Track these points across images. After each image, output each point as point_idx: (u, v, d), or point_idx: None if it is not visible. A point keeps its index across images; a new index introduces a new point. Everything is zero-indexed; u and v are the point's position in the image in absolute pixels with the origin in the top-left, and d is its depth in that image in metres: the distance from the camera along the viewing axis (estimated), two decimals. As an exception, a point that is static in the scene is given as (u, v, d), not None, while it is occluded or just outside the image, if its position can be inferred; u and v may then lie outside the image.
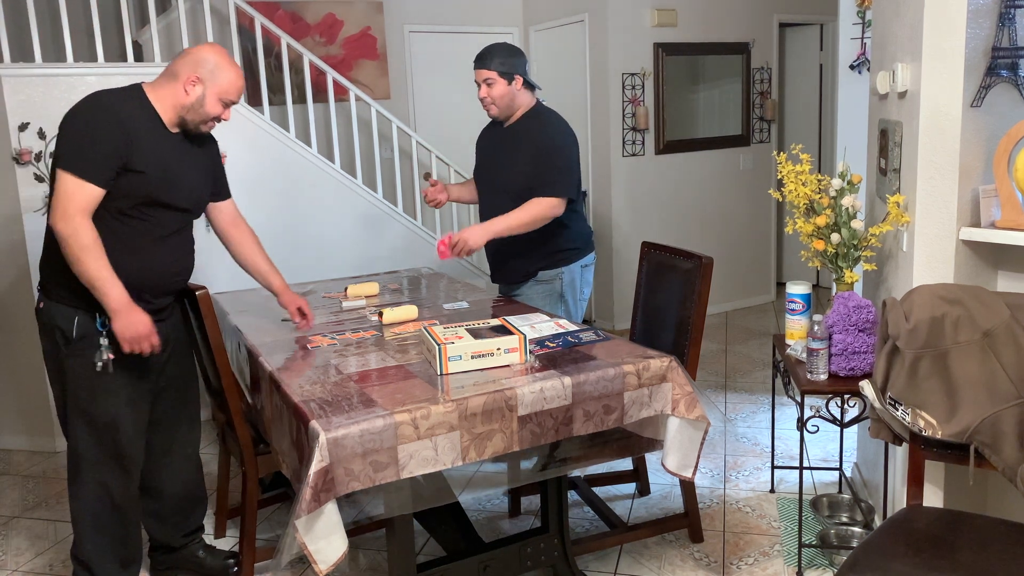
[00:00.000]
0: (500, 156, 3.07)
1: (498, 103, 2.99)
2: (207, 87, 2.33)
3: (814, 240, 2.62)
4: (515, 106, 3.02)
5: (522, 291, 3.11)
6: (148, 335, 2.27)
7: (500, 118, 3.07)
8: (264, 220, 4.35)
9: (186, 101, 2.34)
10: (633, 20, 5.33)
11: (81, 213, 2.20)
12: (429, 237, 4.84)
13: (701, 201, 5.82)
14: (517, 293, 3.13)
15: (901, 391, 2.06)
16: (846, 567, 1.81)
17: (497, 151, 3.09)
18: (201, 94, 2.34)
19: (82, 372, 2.34)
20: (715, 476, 3.35)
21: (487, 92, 2.98)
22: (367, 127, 5.15)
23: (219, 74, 2.34)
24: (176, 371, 2.61)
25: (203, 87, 2.33)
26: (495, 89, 2.96)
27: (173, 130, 2.39)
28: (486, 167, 3.17)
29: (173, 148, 2.38)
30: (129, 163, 2.25)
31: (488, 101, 3.00)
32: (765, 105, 6.01)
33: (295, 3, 5.23)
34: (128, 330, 2.24)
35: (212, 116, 2.38)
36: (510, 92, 2.97)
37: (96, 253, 2.21)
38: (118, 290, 2.23)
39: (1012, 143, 2.11)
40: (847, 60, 3.97)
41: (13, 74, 3.68)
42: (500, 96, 2.97)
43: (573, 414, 2.12)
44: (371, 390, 2.07)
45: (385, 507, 2.07)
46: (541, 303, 3.04)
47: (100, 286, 2.21)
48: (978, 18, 2.15)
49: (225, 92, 2.36)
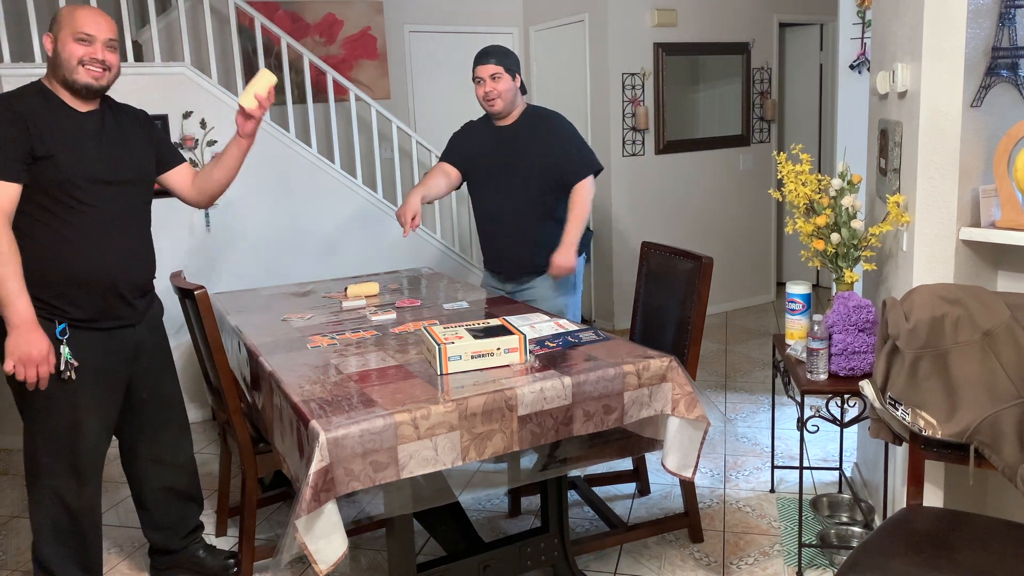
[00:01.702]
0: (512, 152, 3.12)
1: (503, 97, 3.06)
2: (58, 35, 2.29)
3: (814, 240, 2.62)
4: (514, 105, 3.11)
5: (535, 284, 3.17)
6: (40, 360, 2.18)
7: (502, 114, 3.12)
8: (264, 220, 4.36)
9: (52, 61, 2.31)
10: (633, 20, 5.33)
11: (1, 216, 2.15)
12: (429, 237, 4.84)
13: (701, 201, 5.82)
14: (530, 286, 3.18)
15: (901, 391, 2.06)
16: (846, 567, 1.81)
17: (507, 151, 3.13)
18: (55, 44, 2.30)
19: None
20: (715, 476, 3.35)
21: (493, 86, 3.04)
22: (367, 127, 5.15)
23: (63, 18, 2.30)
24: (153, 378, 2.56)
25: (54, 38, 2.30)
26: (501, 83, 3.04)
27: (83, 109, 2.34)
28: (491, 164, 3.17)
29: (85, 126, 2.33)
30: (34, 150, 2.20)
31: (494, 95, 3.05)
32: (765, 105, 6.01)
33: (295, 3, 5.23)
34: (20, 348, 2.15)
35: (77, 57, 2.28)
36: (513, 88, 3.08)
37: (5, 259, 2.13)
38: (23, 303, 2.15)
39: (1012, 143, 2.11)
40: (847, 60, 3.96)
41: (13, 74, 3.68)
42: (506, 90, 3.05)
43: (573, 414, 2.12)
44: (371, 390, 2.07)
45: (385, 507, 2.07)
46: (555, 294, 3.14)
47: (4, 295, 2.13)
48: (978, 18, 2.15)
49: (74, 28, 2.28)
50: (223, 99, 4.15)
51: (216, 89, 4.13)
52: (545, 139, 3.08)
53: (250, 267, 4.34)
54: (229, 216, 4.25)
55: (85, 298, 2.31)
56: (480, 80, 3.07)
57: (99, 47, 2.31)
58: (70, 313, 2.29)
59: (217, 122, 4.15)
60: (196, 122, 4.09)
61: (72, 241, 2.28)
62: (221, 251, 4.27)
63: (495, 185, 3.17)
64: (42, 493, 2.38)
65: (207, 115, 4.12)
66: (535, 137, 3.10)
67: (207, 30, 4.25)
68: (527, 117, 3.14)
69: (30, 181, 2.21)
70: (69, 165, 2.25)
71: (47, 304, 2.26)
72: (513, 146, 3.12)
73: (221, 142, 4.17)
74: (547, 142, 3.08)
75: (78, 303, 2.31)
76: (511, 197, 3.12)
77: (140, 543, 3.01)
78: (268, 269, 4.38)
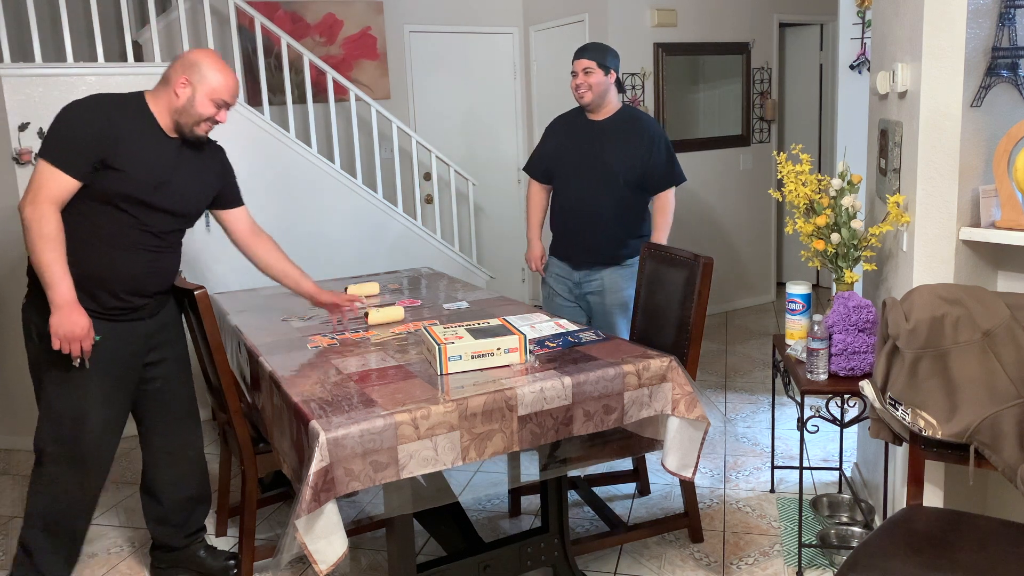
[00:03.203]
0: (602, 146, 3.28)
1: (594, 90, 3.23)
2: (196, 88, 2.35)
3: (814, 240, 2.62)
4: (606, 99, 3.28)
5: (603, 275, 3.34)
6: (82, 337, 2.27)
7: (590, 107, 3.29)
8: (264, 220, 4.35)
9: (177, 104, 2.36)
10: (633, 20, 5.33)
11: (50, 201, 2.22)
12: (429, 237, 4.84)
13: (701, 201, 5.82)
14: (599, 277, 3.34)
15: (901, 391, 2.06)
16: (846, 567, 1.81)
17: (596, 143, 3.29)
18: (191, 95, 2.35)
19: (54, 367, 2.36)
20: (715, 476, 3.35)
21: (584, 79, 3.23)
22: (367, 127, 5.15)
23: (209, 75, 2.35)
24: (166, 371, 2.61)
25: (192, 88, 2.35)
26: (593, 77, 3.22)
27: (172, 135, 2.41)
28: (581, 155, 3.32)
29: (166, 152, 2.40)
30: (109, 159, 2.26)
31: (584, 87, 3.23)
32: (765, 105, 6.01)
33: (295, 3, 5.23)
34: (63, 326, 2.24)
35: (204, 117, 2.39)
36: (606, 83, 3.24)
37: (54, 245, 2.22)
38: (66, 285, 2.25)
39: (1012, 143, 2.11)
40: (847, 60, 3.96)
41: (13, 74, 3.68)
42: (597, 84, 3.22)
43: (573, 414, 2.12)
44: (371, 390, 2.07)
45: (385, 507, 2.07)
46: (625, 284, 3.32)
47: (50, 278, 2.23)
48: (978, 18, 2.15)
49: (215, 92, 2.36)
50: (223, 99, 4.15)
51: (216, 89, 4.12)
52: (635, 140, 3.25)
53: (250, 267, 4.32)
54: (229, 216, 4.24)
55: (107, 297, 2.39)
56: (574, 73, 3.26)
57: (225, 112, 2.43)
58: (87, 305, 2.35)
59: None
60: (196, 122, 4.09)
61: (111, 246, 2.36)
62: (221, 251, 4.26)
63: (579, 176, 3.31)
64: (42, 480, 2.43)
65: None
66: (626, 137, 3.26)
67: (207, 30, 4.24)
68: (621, 115, 3.30)
69: (92, 182, 2.28)
70: (137, 185, 2.33)
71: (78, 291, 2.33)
72: (602, 141, 3.28)
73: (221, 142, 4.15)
74: (636, 144, 3.25)
75: (99, 299, 2.38)
76: (593, 189, 3.28)
77: (140, 543, 3.01)
78: (268, 269, 4.37)
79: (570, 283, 3.40)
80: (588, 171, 3.29)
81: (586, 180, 3.29)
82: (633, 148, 3.24)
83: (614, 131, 3.28)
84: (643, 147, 3.24)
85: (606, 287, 3.32)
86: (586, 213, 3.30)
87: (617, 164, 3.23)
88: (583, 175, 3.30)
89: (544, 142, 3.48)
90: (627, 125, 3.28)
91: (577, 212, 3.33)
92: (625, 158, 3.23)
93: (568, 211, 3.36)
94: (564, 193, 3.38)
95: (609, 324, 3.33)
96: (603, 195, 3.26)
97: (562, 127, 3.43)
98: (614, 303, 3.32)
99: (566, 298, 3.44)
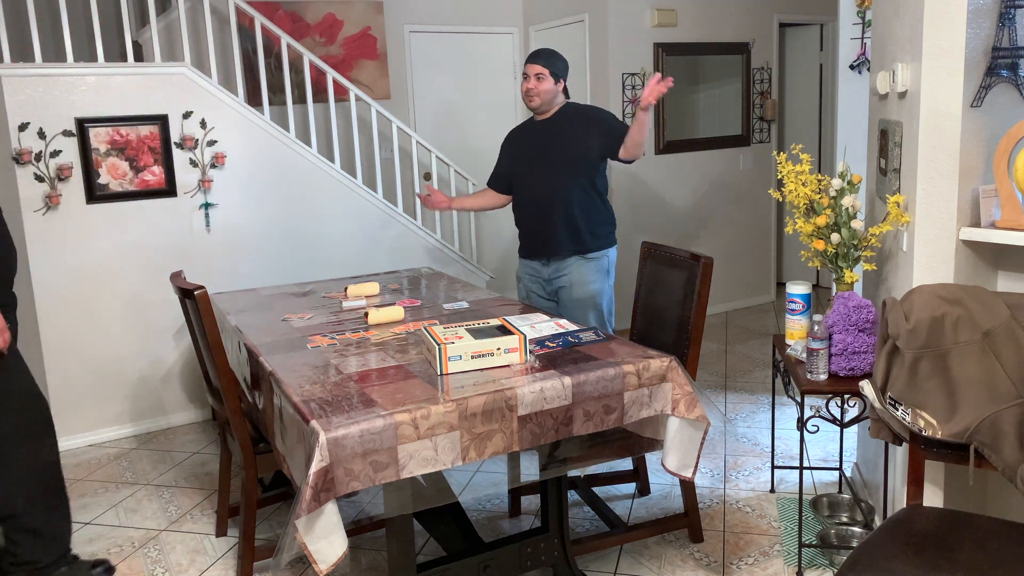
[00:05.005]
0: (548, 142, 3.40)
1: (542, 95, 3.35)
2: None
3: (814, 240, 2.62)
4: (553, 103, 3.40)
5: (570, 268, 3.39)
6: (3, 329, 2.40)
7: (537, 110, 3.43)
8: (264, 220, 4.36)
9: None
10: (633, 20, 5.33)
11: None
12: (429, 237, 4.84)
13: (701, 201, 5.82)
14: (566, 272, 3.39)
15: (901, 391, 2.06)
16: (846, 567, 1.81)
17: (547, 140, 3.41)
18: None
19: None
20: (715, 476, 3.35)
21: (535, 85, 3.34)
22: (367, 127, 5.15)
23: None
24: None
25: None
26: (543, 84, 3.34)
27: None
28: (533, 155, 3.45)
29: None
30: None
31: (533, 92, 3.35)
32: (765, 105, 6.01)
33: (295, 3, 5.23)
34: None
35: None
36: (554, 90, 3.36)
37: None
38: None
39: (1012, 143, 2.11)
40: (847, 60, 3.96)
41: (13, 74, 3.68)
42: (545, 91, 3.34)
43: (573, 414, 2.12)
44: (371, 390, 2.07)
45: (385, 507, 2.07)
46: (593, 278, 3.37)
47: None
48: (978, 18, 2.15)
49: None
50: (223, 99, 4.15)
51: (216, 89, 4.13)
52: (580, 123, 3.36)
53: (250, 267, 4.34)
54: (229, 216, 4.25)
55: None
56: (526, 76, 3.36)
57: None
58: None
59: (217, 122, 4.15)
60: (196, 122, 4.09)
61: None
62: (221, 251, 4.27)
63: (533, 174, 3.43)
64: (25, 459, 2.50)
65: (207, 115, 4.11)
66: (571, 124, 3.37)
67: (207, 30, 4.25)
68: (564, 110, 3.42)
69: None
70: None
71: None
72: (549, 136, 3.39)
73: (221, 142, 4.17)
74: (583, 125, 3.35)
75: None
76: (545, 184, 3.38)
77: (140, 543, 3.01)
78: (268, 269, 4.38)
79: (542, 280, 3.50)
80: (539, 168, 3.41)
81: (538, 177, 3.42)
82: (578, 130, 3.35)
83: (560, 123, 3.40)
84: (586, 124, 3.35)
85: (573, 281, 3.39)
86: (541, 208, 3.40)
87: (567, 152, 3.35)
88: (535, 173, 3.43)
89: (501, 157, 3.64)
90: (571, 114, 3.41)
91: (533, 208, 3.44)
92: (573, 143, 3.34)
93: (525, 209, 3.49)
94: (520, 194, 3.51)
95: (579, 318, 3.35)
96: (555, 188, 3.35)
97: (515, 137, 3.59)
98: (583, 296, 3.38)
99: (541, 295, 3.54)
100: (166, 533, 3.09)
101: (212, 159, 4.15)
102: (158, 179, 4.03)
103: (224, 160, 4.18)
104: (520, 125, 3.60)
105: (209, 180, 4.14)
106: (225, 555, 2.91)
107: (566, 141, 3.36)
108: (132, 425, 4.14)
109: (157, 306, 4.11)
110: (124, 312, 4.06)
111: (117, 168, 3.93)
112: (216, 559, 2.89)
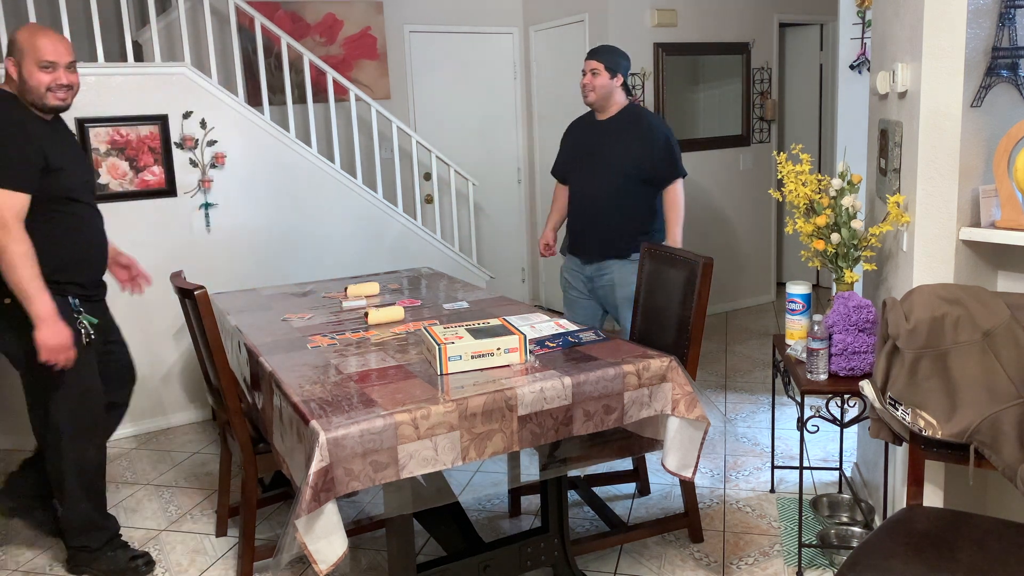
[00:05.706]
0: (605, 144, 3.43)
1: (596, 90, 3.37)
2: (22, 63, 2.42)
3: (814, 240, 2.62)
4: (611, 100, 3.41)
5: (612, 269, 3.43)
6: (69, 346, 2.42)
7: (594, 107, 3.44)
8: (264, 220, 4.36)
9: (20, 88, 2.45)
10: (633, 20, 5.33)
11: (16, 219, 2.34)
12: (429, 237, 4.84)
13: (701, 201, 5.82)
14: (609, 271, 3.44)
15: (901, 391, 2.06)
16: (846, 567, 1.81)
17: (600, 141, 3.44)
18: (20, 72, 2.43)
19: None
20: (715, 476, 3.35)
21: (590, 80, 3.37)
22: (367, 127, 5.15)
23: (25, 45, 2.43)
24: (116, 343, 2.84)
25: (17, 65, 2.43)
26: (599, 79, 3.35)
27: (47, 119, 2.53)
28: (586, 152, 3.48)
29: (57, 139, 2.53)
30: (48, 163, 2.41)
31: (588, 88, 3.38)
32: (765, 105, 6.01)
33: (295, 3, 5.23)
34: (50, 340, 2.37)
35: (45, 85, 2.44)
36: (610, 86, 3.37)
37: (32, 261, 2.35)
38: (46, 298, 2.36)
39: (1012, 143, 2.11)
40: (847, 60, 3.96)
41: (13, 74, 3.68)
42: (600, 86, 3.36)
43: (573, 414, 2.12)
44: (371, 390, 2.07)
45: (385, 507, 2.07)
46: (633, 279, 3.34)
47: (33, 294, 2.34)
48: (978, 18, 2.15)
49: (37, 56, 2.42)
50: (223, 99, 4.15)
51: (216, 89, 4.13)
52: (634, 136, 3.37)
53: (250, 267, 4.34)
54: (229, 216, 4.25)
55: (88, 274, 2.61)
56: (584, 72, 3.40)
57: (62, 72, 2.48)
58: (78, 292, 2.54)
59: (217, 122, 4.15)
60: (196, 122, 4.09)
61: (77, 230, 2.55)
62: (221, 251, 4.26)
63: (586, 173, 3.47)
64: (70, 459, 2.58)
65: (207, 115, 4.11)
66: (626, 133, 3.39)
67: (207, 30, 4.25)
68: (623, 113, 3.42)
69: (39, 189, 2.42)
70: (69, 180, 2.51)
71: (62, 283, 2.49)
72: (606, 138, 3.42)
73: (221, 142, 4.17)
74: (637, 139, 3.36)
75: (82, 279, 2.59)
76: (598, 185, 3.41)
77: (141, 543, 3.01)
78: (268, 269, 4.38)
79: (583, 277, 3.54)
80: (592, 168, 3.44)
81: (590, 176, 3.45)
82: (632, 143, 3.36)
83: (616, 129, 3.41)
84: (641, 142, 3.35)
85: (616, 281, 3.43)
86: (591, 208, 3.44)
87: (616, 159, 3.37)
88: (588, 172, 3.46)
89: (562, 145, 3.66)
90: (629, 122, 3.41)
91: (583, 208, 3.48)
92: (624, 153, 3.36)
93: (576, 207, 3.52)
94: (573, 191, 3.55)
95: (619, 317, 3.47)
96: (605, 190, 3.39)
97: (575, 129, 3.61)
98: (624, 297, 3.40)
99: (580, 292, 3.57)
100: (166, 533, 3.09)
101: (212, 159, 4.15)
102: (158, 179, 4.03)
103: (224, 160, 4.18)
104: (581, 118, 3.60)
105: (209, 180, 4.14)
106: (225, 555, 2.91)
107: (619, 149, 3.38)
108: (132, 425, 4.13)
109: (157, 306, 4.11)
110: (124, 312, 4.05)
111: (117, 168, 3.93)
112: (216, 559, 2.89)
